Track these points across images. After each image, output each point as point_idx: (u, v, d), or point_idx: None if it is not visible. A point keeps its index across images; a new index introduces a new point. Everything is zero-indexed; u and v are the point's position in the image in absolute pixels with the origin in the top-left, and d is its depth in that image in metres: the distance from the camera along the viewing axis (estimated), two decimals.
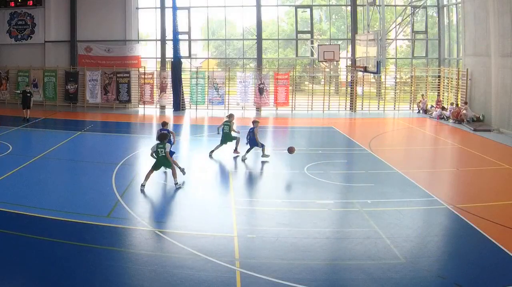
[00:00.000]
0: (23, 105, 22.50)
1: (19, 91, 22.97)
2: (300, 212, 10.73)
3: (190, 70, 28.42)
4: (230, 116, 16.33)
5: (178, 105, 27.47)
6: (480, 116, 22.70)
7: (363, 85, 28.50)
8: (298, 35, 28.62)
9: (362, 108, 28.10)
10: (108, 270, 7.70)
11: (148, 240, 9.11)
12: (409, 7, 27.49)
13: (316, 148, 17.86)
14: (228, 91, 27.77)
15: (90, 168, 14.40)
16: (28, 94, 22.81)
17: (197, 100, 27.87)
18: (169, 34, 27.85)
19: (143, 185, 12.21)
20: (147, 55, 29.28)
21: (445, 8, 28.07)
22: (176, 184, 12.35)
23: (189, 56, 28.97)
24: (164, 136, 12.68)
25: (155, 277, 7.51)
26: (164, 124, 14.26)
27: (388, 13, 28.60)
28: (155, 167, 12.45)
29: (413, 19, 28.13)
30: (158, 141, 12.53)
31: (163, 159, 12.35)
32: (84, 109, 27.65)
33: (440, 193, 11.87)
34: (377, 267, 7.96)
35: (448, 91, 27.19)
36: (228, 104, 27.69)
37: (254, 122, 15.65)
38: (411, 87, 28.39)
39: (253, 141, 15.37)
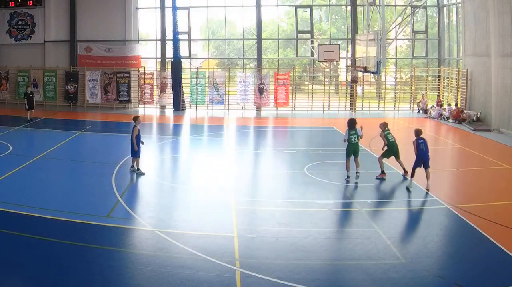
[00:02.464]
0: (28, 107, 22.27)
1: (23, 96, 22.82)
2: (300, 212, 10.73)
3: (190, 70, 28.41)
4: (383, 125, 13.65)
5: (178, 105, 27.47)
6: (478, 114, 22.69)
7: (363, 85, 28.49)
8: (298, 35, 28.62)
9: (362, 108, 28.10)
10: (108, 270, 7.71)
11: (148, 240, 9.11)
12: (409, 7, 27.48)
13: (316, 147, 17.87)
14: (228, 91, 27.77)
15: (90, 168, 14.39)
16: (31, 95, 22.77)
17: (197, 100, 27.86)
18: (169, 34, 27.84)
19: (348, 176, 12.90)
20: (147, 55, 29.28)
21: (445, 8, 28.07)
22: (352, 176, 12.85)
23: (189, 56, 28.96)
24: (354, 122, 13.11)
25: (155, 277, 7.51)
26: (135, 119, 13.86)
27: (388, 13, 28.59)
28: (349, 155, 12.98)
29: (413, 19, 28.13)
30: (348, 128, 13.01)
31: (356, 145, 12.91)
32: (84, 109, 27.65)
33: (440, 193, 11.86)
34: (377, 267, 7.96)
35: (448, 91, 27.19)
36: (228, 104, 27.70)
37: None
38: (411, 87, 28.38)
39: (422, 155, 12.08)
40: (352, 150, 13.00)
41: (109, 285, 7.28)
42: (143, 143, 13.92)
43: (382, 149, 13.62)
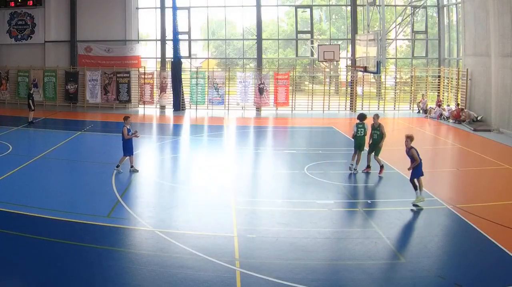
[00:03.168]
0: (33, 108, 21.94)
1: (28, 97, 22.55)
2: (300, 212, 10.73)
3: (190, 70, 28.42)
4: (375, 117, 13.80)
5: (178, 105, 27.47)
6: (479, 117, 22.69)
7: (363, 85, 28.49)
8: (298, 35, 28.62)
9: (362, 108, 28.05)
10: (108, 270, 7.71)
11: (148, 240, 9.11)
12: (409, 7, 27.49)
13: (316, 147, 17.87)
14: (228, 91, 27.77)
15: (90, 168, 14.39)
16: (33, 96, 22.71)
17: (197, 100, 27.87)
18: (169, 34, 27.84)
19: (354, 169, 13.34)
20: (147, 55, 29.28)
21: (445, 8, 28.07)
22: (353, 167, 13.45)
23: (189, 56, 28.96)
24: (364, 116, 13.52)
25: (155, 277, 7.51)
26: (125, 118, 13.82)
27: (388, 13, 28.60)
28: (357, 148, 13.43)
29: (413, 19, 28.13)
30: (357, 121, 13.42)
31: (362, 139, 13.34)
32: (84, 109, 27.65)
33: (440, 193, 11.86)
34: (377, 267, 7.96)
35: (448, 91, 27.19)
36: (228, 104, 27.70)
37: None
38: (411, 87, 28.38)
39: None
40: (358, 143, 13.55)
41: (109, 285, 7.28)
42: (137, 135, 13.93)
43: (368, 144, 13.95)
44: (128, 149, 13.63)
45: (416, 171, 10.89)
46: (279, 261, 8.15)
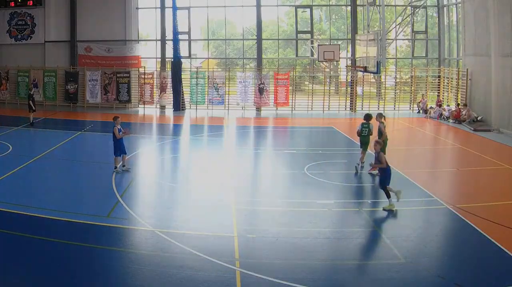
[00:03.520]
0: (34, 109, 21.78)
1: (28, 98, 22.41)
2: (300, 212, 10.73)
3: (190, 70, 28.42)
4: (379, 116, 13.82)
5: (178, 105, 27.47)
6: (479, 118, 22.69)
7: (363, 85, 28.49)
8: (298, 35, 28.62)
9: (362, 108, 28.04)
10: (108, 270, 7.71)
11: (148, 240, 9.11)
12: (409, 7, 27.48)
13: (316, 147, 17.87)
14: (228, 91, 27.77)
15: (90, 168, 14.40)
16: (33, 96, 22.70)
17: (197, 100, 27.88)
18: (169, 34, 27.84)
19: (358, 164, 13.61)
20: (147, 55, 29.27)
21: (445, 8, 28.07)
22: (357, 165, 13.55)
23: (189, 56, 28.97)
24: (369, 117, 13.66)
25: (155, 277, 7.51)
26: (114, 118, 13.91)
27: (388, 13, 28.59)
28: (361, 146, 13.75)
29: (413, 19, 28.13)
30: (363, 121, 13.65)
31: (365, 138, 13.58)
32: (84, 109, 27.64)
33: (440, 193, 11.86)
34: (377, 267, 7.96)
35: (448, 91, 27.19)
36: (228, 104, 27.71)
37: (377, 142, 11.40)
38: (411, 87, 28.38)
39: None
40: (361, 141, 13.86)
41: (109, 285, 7.28)
42: (128, 133, 14.05)
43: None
44: (119, 148, 13.65)
45: (385, 178, 10.77)
46: (279, 261, 8.15)
